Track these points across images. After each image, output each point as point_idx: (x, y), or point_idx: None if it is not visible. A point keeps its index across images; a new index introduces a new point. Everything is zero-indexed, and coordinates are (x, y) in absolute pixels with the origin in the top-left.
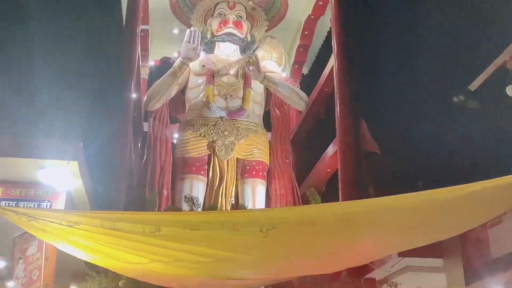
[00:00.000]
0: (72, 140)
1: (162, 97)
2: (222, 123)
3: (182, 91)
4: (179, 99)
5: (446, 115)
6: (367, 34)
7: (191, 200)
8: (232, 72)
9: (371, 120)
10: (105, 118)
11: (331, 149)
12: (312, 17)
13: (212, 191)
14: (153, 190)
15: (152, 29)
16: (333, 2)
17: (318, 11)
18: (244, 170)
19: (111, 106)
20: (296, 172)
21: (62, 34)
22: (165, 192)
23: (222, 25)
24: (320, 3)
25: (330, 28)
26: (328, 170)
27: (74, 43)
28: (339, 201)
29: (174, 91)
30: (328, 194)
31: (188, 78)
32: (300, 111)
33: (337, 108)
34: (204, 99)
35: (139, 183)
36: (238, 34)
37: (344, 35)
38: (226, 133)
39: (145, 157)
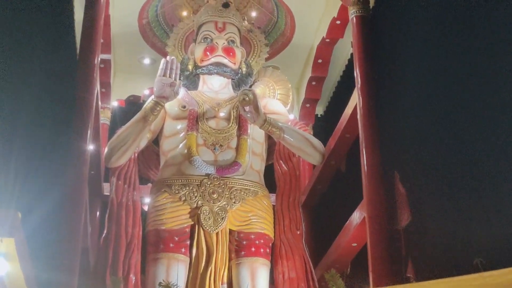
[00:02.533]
0: (6, 210)
1: (128, 149)
2: (209, 183)
3: (156, 141)
4: (152, 151)
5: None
6: (402, 61)
7: None
8: (222, 114)
9: (409, 176)
10: (51, 179)
11: (357, 216)
12: (327, 40)
13: (196, 276)
14: (116, 275)
15: (116, 59)
16: (354, 20)
17: (335, 32)
18: (240, 246)
19: (60, 164)
20: (311, 247)
21: None
22: (132, 277)
23: (208, 53)
24: (338, 22)
25: (352, 54)
26: (353, 244)
27: (7, 79)
28: (369, 287)
29: (144, 141)
30: (355, 277)
31: (164, 123)
32: (314, 165)
33: (364, 161)
34: (185, 151)
35: (97, 265)
36: (230, 64)
37: (370, 63)
38: (214, 196)
39: (105, 231)
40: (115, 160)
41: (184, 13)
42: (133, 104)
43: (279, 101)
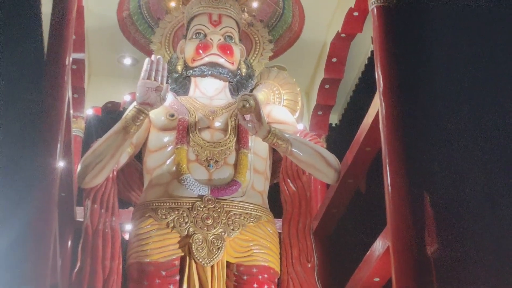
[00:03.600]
0: None
1: (106, 166)
2: (202, 206)
3: (139, 156)
4: (134, 169)
5: None
6: (433, 60)
7: None
8: (217, 124)
9: (441, 198)
10: (14, 203)
11: (379, 246)
12: (343, 35)
13: None
14: None
15: (91, 58)
16: (375, 11)
17: (352, 26)
18: (240, 281)
19: (24, 184)
20: (324, 283)
21: None
22: None
23: (201, 51)
24: (355, 13)
25: (372, 52)
26: (375, 279)
27: None
28: None
29: (125, 156)
30: None
31: (148, 135)
32: (329, 185)
33: (387, 180)
34: (174, 168)
35: None
36: (227, 64)
37: (394, 63)
38: (209, 221)
39: (78, 263)
40: (90, 180)
41: (172, 4)
42: (111, 113)
43: (286, 108)
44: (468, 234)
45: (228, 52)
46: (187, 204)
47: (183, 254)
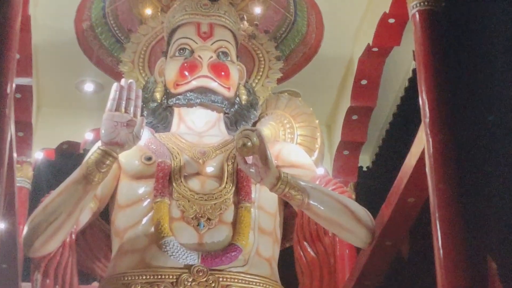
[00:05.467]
0: None
1: (61, 228)
2: (191, 280)
3: (105, 213)
4: (99, 231)
5: None
6: (496, 81)
7: None
8: (209, 169)
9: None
10: None
11: None
12: (375, 50)
13: None
14: None
15: (40, 84)
16: (417, 17)
17: (387, 37)
18: None
19: None
20: None
21: None
22: None
23: (186, 72)
24: (391, 20)
25: (414, 71)
26: None
27: None
28: None
29: (87, 214)
30: None
31: (117, 185)
32: (359, 249)
33: (438, 242)
34: (152, 229)
35: None
36: (221, 90)
37: (443, 85)
38: None
39: None
40: (40, 246)
41: (148, 11)
42: (68, 156)
43: (301, 146)
44: None
45: (222, 73)
46: (170, 277)
47: None
